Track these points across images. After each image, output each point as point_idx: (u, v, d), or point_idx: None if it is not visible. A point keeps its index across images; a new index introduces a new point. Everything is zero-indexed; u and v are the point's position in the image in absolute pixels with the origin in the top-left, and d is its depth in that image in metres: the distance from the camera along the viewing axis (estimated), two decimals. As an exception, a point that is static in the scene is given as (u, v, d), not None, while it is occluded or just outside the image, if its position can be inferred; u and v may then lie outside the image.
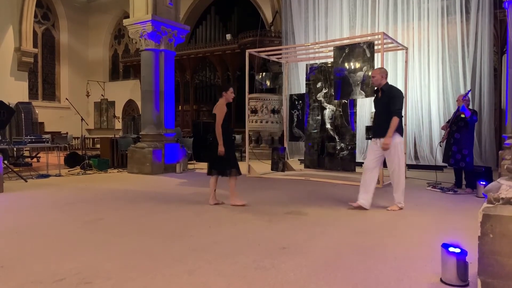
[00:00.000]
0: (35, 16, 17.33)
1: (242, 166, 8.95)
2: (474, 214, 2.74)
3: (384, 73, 5.03)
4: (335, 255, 3.17)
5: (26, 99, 14.99)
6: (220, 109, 5.02)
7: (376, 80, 5.00)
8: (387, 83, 5.03)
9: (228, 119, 5.10)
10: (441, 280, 2.58)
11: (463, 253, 2.52)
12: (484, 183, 5.60)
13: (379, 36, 7.35)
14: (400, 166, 4.94)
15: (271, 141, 12.70)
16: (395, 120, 4.73)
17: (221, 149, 4.93)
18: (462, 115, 6.15)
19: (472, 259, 2.52)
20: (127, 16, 9.58)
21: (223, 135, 4.97)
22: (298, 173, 8.75)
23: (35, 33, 17.78)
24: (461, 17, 9.77)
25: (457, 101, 6.90)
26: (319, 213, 4.74)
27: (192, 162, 10.45)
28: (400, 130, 4.87)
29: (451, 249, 2.54)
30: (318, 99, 8.86)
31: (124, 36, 20.10)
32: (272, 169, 8.94)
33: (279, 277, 2.69)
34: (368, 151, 5.19)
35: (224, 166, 5.10)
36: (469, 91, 6.78)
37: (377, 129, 5.00)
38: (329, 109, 8.69)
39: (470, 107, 7.03)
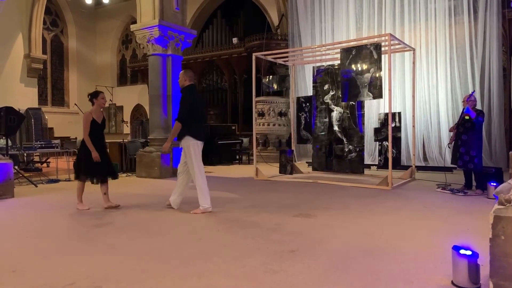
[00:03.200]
0: (44, 23, 17.57)
1: (250, 169, 9.01)
2: (484, 216, 2.71)
3: (187, 75, 5.05)
4: (344, 257, 3.15)
5: (36, 105, 15.18)
6: (85, 118, 5.18)
7: (180, 81, 5.09)
8: (188, 85, 5.03)
9: (97, 127, 5.20)
10: (452, 282, 2.56)
11: (475, 255, 2.49)
12: (494, 184, 5.54)
13: (386, 37, 7.32)
14: (196, 169, 4.87)
15: (279, 144, 12.68)
16: (176, 125, 4.83)
17: (95, 154, 5.05)
18: (467, 117, 6.10)
19: (484, 261, 2.49)
20: (134, 22, 9.66)
21: (93, 142, 5.10)
22: (306, 175, 8.73)
23: (44, 40, 18.00)
24: (468, 17, 9.69)
25: (462, 102, 6.86)
26: (328, 215, 4.72)
27: (200, 165, 10.46)
28: (194, 133, 4.86)
29: (462, 251, 2.51)
30: (326, 101, 8.84)
31: (131, 41, 20.27)
32: (280, 172, 8.92)
33: (288, 280, 2.69)
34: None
35: (76, 168, 5.35)
36: (473, 92, 6.73)
37: (179, 132, 4.98)
38: (336, 111, 8.67)
39: (479, 107, 6.98)
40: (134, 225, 4.40)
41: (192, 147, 4.87)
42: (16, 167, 7.51)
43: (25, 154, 9.59)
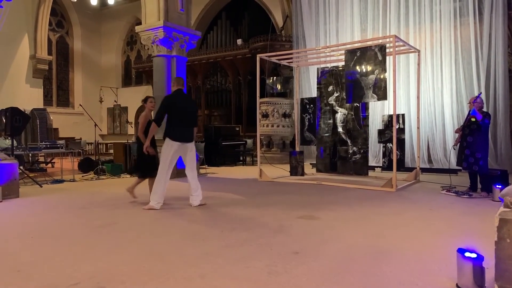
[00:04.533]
0: (50, 24, 17.66)
1: (254, 171, 9.01)
2: (490, 219, 2.69)
3: (175, 81, 5.50)
4: (348, 259, 3.14)
5: (41, 106, 15.25)
6: (143, 118, 5.70)
7: (172, 88, 5.50)
8: (175, 90, 5.40)
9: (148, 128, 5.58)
10: (457, 285, 2.54)
11: (480, 258, 2.47)
12: (500, 186, 5.50)
13: (391, 39, 7.31)
14: (161, 165, 5.22)
15: (283, 145, 12.68)
16: (152, 126, 5.28)
17: (147, 145, 5.30)
18: (473, 119, 6.07)
19: (489, 264, 2.48)
20: (139, 23, 9.70)
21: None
22: (310, 177, 8.72)
23: (49, 41, 18.10)
24: (474, 18, 9.65)
25: (468, 103, 6.82)
26: (331, 217, 4.71)
27: (204, 166, 10.48)
28: (170, 134, 5.21)
29: (467, 254, 2.49)
30: (330, 102, 8.83)
31: (136, 42, 20.34)
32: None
33: (291, 281, 2.68)
34: None
35: (135, 167, 5.97)
36: (479, 94, 6.70)
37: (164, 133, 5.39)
38: (340, 113, 8.65)
39: (485, 109, 6.94)
40: (137, 225, 4.41)
41: (165, 147, 5.21)
42: (21, 167, 7.55)
43: (30, 155, 9.65)
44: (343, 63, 8.02)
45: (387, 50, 7.33)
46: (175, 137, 5.18)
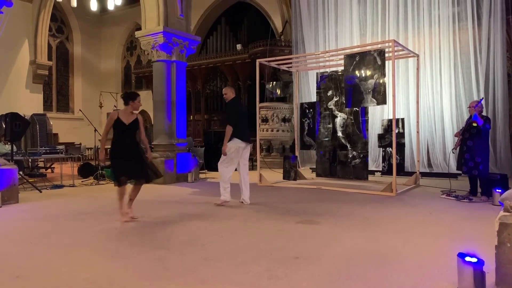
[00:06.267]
0: (50, 29, 17.70)
1: (253, 175, 8.99)
2: (490, 223, 2.70)
3: (230, 90, 6.01)
4: (348, 264, 3.13)
5: (41, 111, 15.25)
6: (109, 116, 4.98)
7: (228, 96, 5.95)
8: (232, 98, 5.95)
9: (123, 128, 4.87)
10: (457, 289, 2.54)
11: (480, 262, 2.47)
12: (500, 190, 5.50)
13: (390, 43, 7.33)
14: (223, 166, 5.84)
15: (282, 149, 12.68)
16: (227, 129, 5.71)
17: (100, 156, 5.24)
18: (474, 124, 6.08)
19: (489, 268, 2.47)
20: (139, 28, 9.72)
21: (117, 143, 4.90)
22: (310, 181, 8.71)
23: (49, 46, 18.13)
24: (472, 23, 9.69)
25: (468, 107, 6.83)
26: (331, 222, 4.70)
27: (203, 171, 10.48)
28: (237, 135, 5.70)
29: (467, 258, 2.49)
30: (329, 107, 8.84)
31: (136, 47, 20.39)
32: (284, 178, 8.90)
33: (292, 286, 2.68)
34: None
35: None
36: (481, 99, 6.71)
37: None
38: (340, 117, 8.67)
39: (484, 113, 6.95)
40: (137, 231, 4.40)
41: (232, 148, 5.71)
42: (20, 172, 7.54)
43: (29, 160, 9.63)
44: (342, 67, 8.05)
45: (386, 55, 7.35)
46: (241, 138, 5.73)
